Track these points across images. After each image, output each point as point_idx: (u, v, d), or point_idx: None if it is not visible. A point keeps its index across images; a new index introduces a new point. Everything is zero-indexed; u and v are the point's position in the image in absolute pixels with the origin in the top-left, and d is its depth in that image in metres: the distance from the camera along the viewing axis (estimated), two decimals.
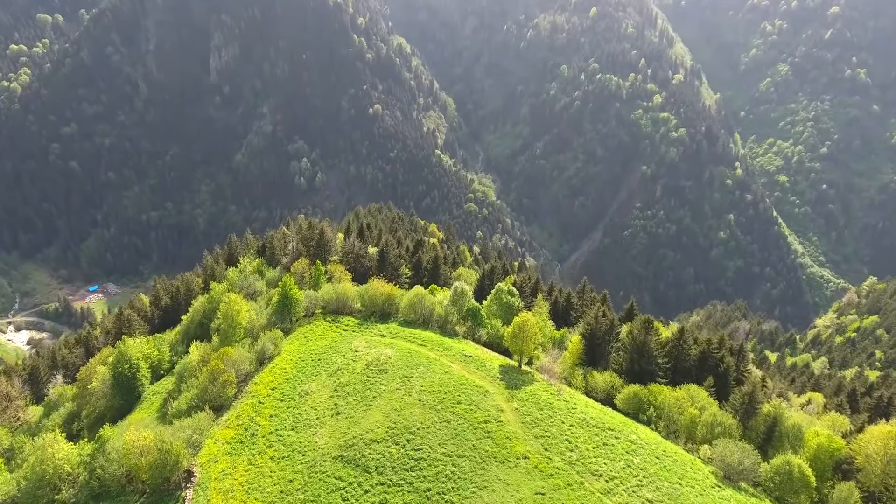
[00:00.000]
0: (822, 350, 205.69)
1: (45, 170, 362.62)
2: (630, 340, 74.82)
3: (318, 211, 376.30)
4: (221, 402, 71.06)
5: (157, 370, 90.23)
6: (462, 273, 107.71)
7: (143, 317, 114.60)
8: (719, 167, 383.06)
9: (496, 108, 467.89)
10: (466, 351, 77.45)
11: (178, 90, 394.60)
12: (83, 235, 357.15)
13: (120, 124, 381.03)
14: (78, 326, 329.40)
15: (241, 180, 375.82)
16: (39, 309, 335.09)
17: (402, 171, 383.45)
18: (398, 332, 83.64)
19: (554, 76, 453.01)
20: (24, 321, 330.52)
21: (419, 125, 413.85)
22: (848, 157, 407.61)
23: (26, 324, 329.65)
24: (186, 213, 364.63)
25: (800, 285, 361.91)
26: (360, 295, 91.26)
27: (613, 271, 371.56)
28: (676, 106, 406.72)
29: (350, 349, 78.98)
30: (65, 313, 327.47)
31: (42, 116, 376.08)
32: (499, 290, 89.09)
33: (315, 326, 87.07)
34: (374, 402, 66.85)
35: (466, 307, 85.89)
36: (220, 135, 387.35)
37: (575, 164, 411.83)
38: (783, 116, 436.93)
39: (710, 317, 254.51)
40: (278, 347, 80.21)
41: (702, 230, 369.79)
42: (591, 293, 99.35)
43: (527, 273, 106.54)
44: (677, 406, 67.03)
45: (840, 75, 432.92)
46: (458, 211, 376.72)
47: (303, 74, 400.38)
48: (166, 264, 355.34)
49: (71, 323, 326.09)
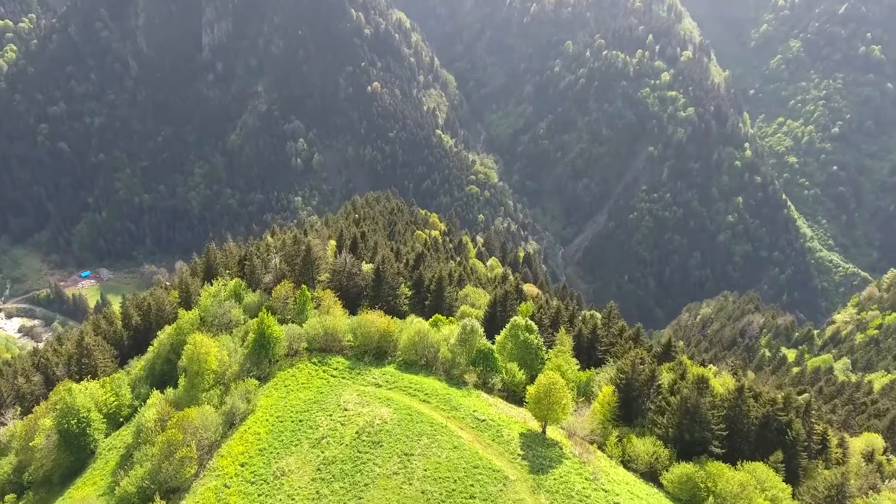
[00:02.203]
0: (844, 350, 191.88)
1: (33, 151, 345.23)
2: (679, 403, 60.31)
3: (315, 193, 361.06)
4: (178, 483, 56.78)
5: (116, 416, 76.00)
6: (470, 293, 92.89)
7: (111, 339, 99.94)
8: (728, 148, 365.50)
9: (498, 86, 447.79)
10: (479, 411, 62.93)
11: (170, 68, 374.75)
12: (74, 219, 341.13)
13: (110, 103, 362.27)
14: (70, 314, 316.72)
15: (236, 162, 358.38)
16: (31, 295, 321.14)
17: (401, 151, 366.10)
18: (396, 380, 69.08)
19: (558, 53, 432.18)
20: (15, 308, 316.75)
21: (419, 104, 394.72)
22: (860, 137, 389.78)
23: (17, 311, 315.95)
24: (180, 197, 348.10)
25: (808, 270, 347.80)
26: (351, 328, 76.56)
27: (618, 255, 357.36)
28: (685, 84, 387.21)
29: (338, 405, 64.51)
30: (56, 300, 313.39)
31: (29, 96, 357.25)
32: (514, 324, 74.33)
33: (298, 370, 72.46)
34: (365, 493, 52.56)
35: (477, 348, 71.22)
36: (214, 114, 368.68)
37: (579, 144, 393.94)
38: (794, 95, 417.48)
39: (722, 309, 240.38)
40: (252, 403, 65.72)
41: (709, 213, 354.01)
42: (619, 321, 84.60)
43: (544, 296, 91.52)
44: (743, 496, 52.81)
45: (854, 52, 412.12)
46: (459, 193, 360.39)
47: (298, 51, 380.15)
48: (160, 249, 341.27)
49: (63, 310, 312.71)
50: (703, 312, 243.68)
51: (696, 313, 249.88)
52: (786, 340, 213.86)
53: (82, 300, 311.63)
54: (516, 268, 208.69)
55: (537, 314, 78.29)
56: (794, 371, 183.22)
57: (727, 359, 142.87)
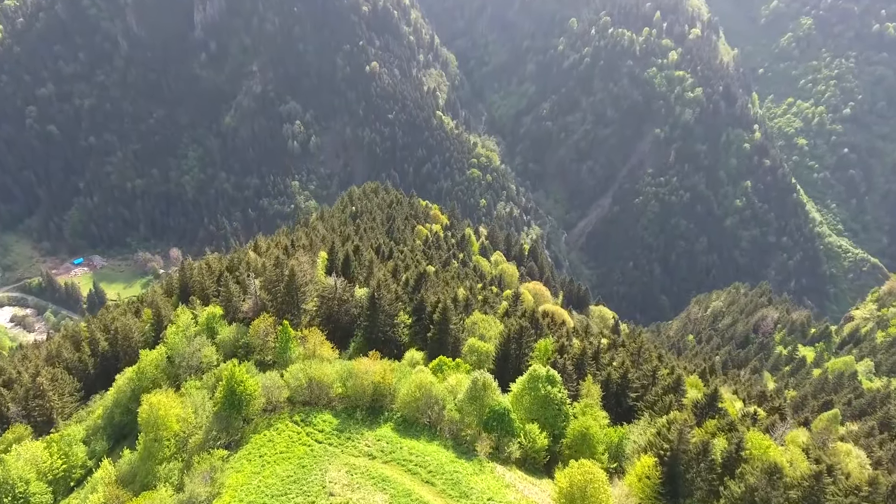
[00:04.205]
0: (865, 350, 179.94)
1: (22, 135, 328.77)
2: (745, 493, 47.83)
3: (313, 177, 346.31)
4: None
5: (66, 480, 63.73)
6: (478, 322, 79.91)
7: (74, 369, 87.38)
8: (737, 130, 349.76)
9: (500, 64, 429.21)
10: (495, 499, 50.54)
11: (161, 47, 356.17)
12: (66, 205, 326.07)
13: (100, 84, 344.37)
14: (62, 303, 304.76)
15: (231, 145, 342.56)
16: (22, 284, 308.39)
17: (400, 134, 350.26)
18: (393, 448, 56.60)
19: (562, 30, 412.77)
20: (7, 297, 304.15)
21: (419, 84, 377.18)
22: (872, 118, 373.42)
23: (9, 300, 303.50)
24: (173, 181, 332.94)
25: (817, 256, 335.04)
26: (341, 377, 63.90)
27: (622, 241, 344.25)
28: (693, 63, 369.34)
29: (322, 487, 52.04)
30: (48, 288, 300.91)
31: (16, 76, 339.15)
32: (534, 375, 61.56)
33: (277, 433, 59.85)
34: None
35: (490, 409, 58.62)
36: (207, 96, 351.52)
37: (583, 125, 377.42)
38: (804, 74, 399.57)
39: (734, 302, 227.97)
40: (218, 482, 53.22)
41: (716, 198, 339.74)
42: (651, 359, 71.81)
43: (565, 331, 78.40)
44: None
45: (867, 30, 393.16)
46: (460, 177, 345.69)
47: (294, 29, 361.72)
48: (154, 235, 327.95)
49: (55, 299, 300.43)
50: (713, 305, 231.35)
51: (706, 306, 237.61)
52: (801, 337, 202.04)
53: (75, 289, 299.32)
54: (521, 261, 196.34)
55: (560, 361, 65.34)
56: (814, 374, 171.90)
57: (756, 384, 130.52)
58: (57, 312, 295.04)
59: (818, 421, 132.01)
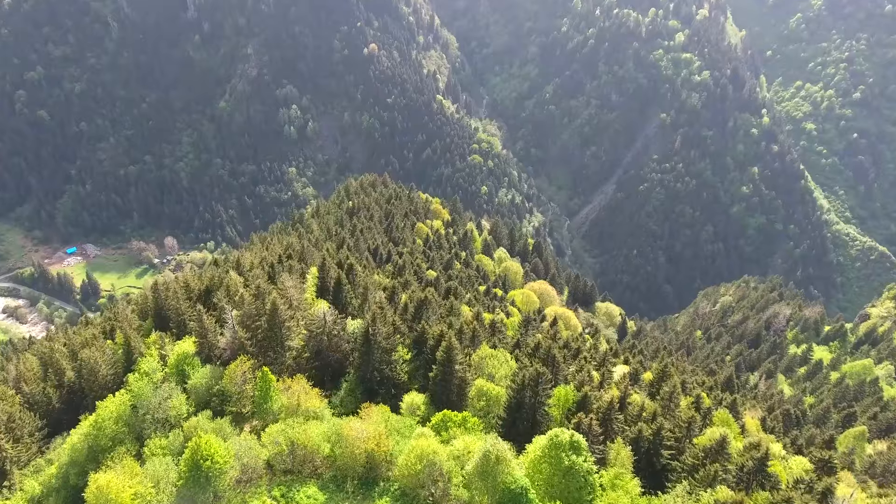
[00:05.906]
0: (883, 351, 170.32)
1: (11, 120, 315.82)
2: None
3: (310, 164, 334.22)
4: None
5: None
6: (487, 358, 69.79)
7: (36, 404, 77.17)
8: (744, 115, 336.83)
9: (502, 46, 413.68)
10: None
11: (153, 28, 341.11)
12: (58, 192, 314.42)
13: (91, 68, 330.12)
14: (55, 293, 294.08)
15: (226, 130, 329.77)
16: (14, 274, 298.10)
17: (400, 118, 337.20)
18: None
19: (566, 11, 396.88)
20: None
21: (419, 66, 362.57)
22: (882, 102, 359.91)
23: (1, 290, 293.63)
24: (167, 167, 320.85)
25: (824, 244, 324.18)
26: (328, 439, 53.92)
27: (626, 228, 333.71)
28: (700, 45, 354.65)
29: None
30: (41, 278, 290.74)
31: (5, 59, 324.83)
32: (555, 441, 51.37)
33: None
34: None
35: (504, 486, 48.66)
36: (201, 79, 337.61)
37: (587, 110, 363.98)
38: (813, 57, 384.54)
39: (744, 297, 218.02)
40: None
41: (723, 184, 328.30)
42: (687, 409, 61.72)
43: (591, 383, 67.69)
44: None
45: (879, 11, 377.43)
46: (461, 163, 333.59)
47: (290, 9, 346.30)
48: (149, 223, 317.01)
49: (48, 289, 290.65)
50: (722, 300, 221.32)
51: (714, 300, 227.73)
52: (814, 335, 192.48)
53: (68, 279, 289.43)
54: (525, 257, 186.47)
55: (585, 421, 55.08)
56: (832, 377, 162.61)
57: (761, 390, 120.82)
58: (50, 303, 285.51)
59: (844, 437, 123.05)
